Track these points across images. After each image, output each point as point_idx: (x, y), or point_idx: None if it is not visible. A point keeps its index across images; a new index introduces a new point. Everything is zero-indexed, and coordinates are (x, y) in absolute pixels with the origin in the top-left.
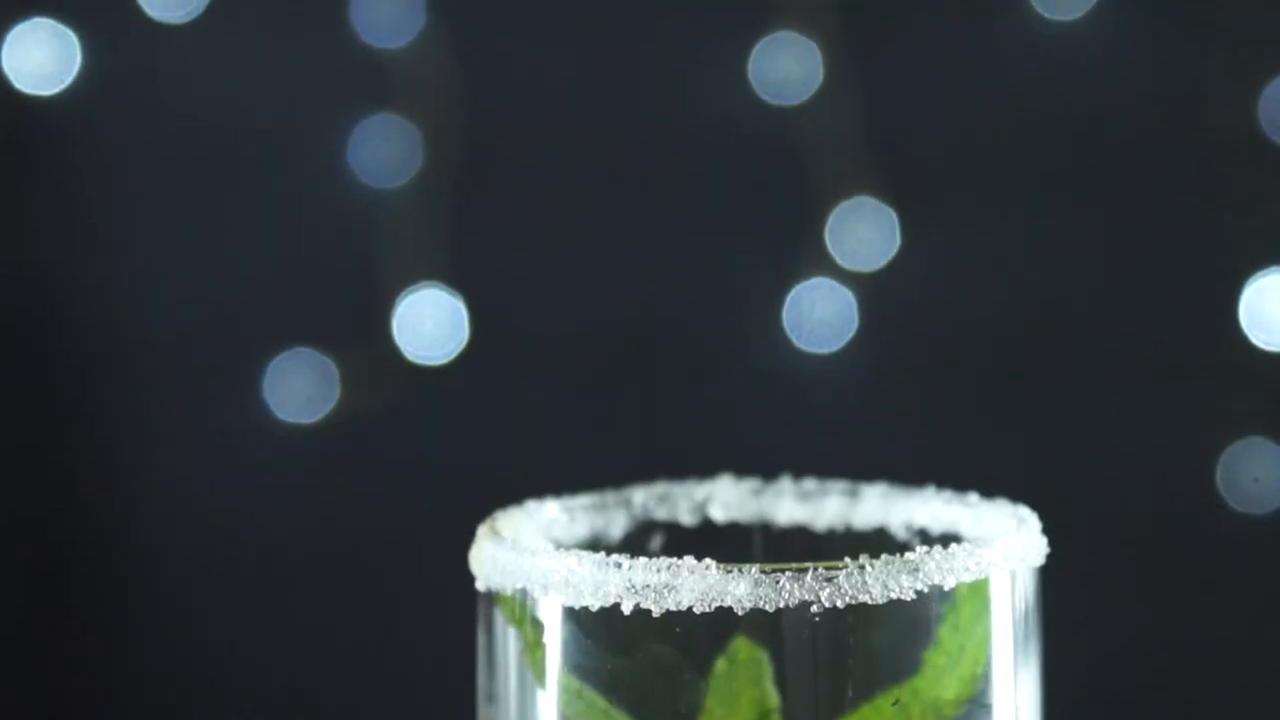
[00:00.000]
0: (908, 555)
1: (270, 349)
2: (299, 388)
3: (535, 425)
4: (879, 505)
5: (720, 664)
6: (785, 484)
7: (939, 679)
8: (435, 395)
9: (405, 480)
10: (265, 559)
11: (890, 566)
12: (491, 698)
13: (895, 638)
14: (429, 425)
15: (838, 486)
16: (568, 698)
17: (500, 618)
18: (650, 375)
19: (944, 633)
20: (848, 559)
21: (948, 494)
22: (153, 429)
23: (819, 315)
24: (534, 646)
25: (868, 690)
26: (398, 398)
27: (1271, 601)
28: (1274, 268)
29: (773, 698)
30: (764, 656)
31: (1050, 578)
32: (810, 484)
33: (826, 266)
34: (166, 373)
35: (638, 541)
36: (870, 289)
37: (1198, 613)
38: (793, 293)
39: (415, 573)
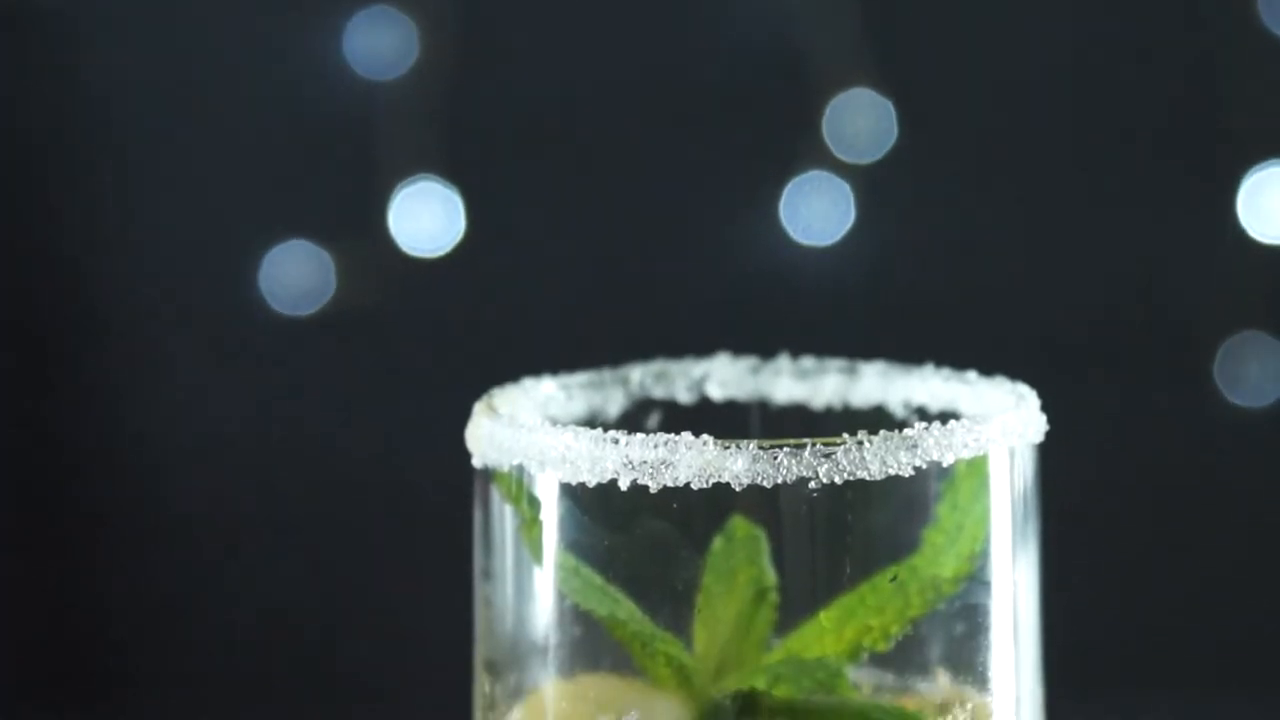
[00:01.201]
0: (906, 431)
1: (266, 241)
2: (295, 280)
3: (532, 316)
4: (877, 383)
5: (718, 542)
6: (783, 362)
7: (937, 557)
8: (431, 288)
9: (402, 371)
10: (263, 449)
11: (888, 443)
12: (488, 575)
13: (893, 515)
14: (425, 318)
15: (836, 364)
16: (564, 575)
17: (497, 495)
18: (647, 268)
19: (942, 510)
20: (846, 435)
21: (946, 372)
22: (149, 322)
23: (816, 208)
24: (531, 523)
25: (866, 568)
26: (394, 290)
27: (1267, 492)
28: (1272, 161)
29: (770, 576)
30: (761, 534)
31: (1048, 457)
32: (808, 362)
33: (823, 159)
34: (162, 265)
35: (635, 420)
36: (867, 181)
37: (1194, 499)
38: (789, 186)
39: (412, 455)
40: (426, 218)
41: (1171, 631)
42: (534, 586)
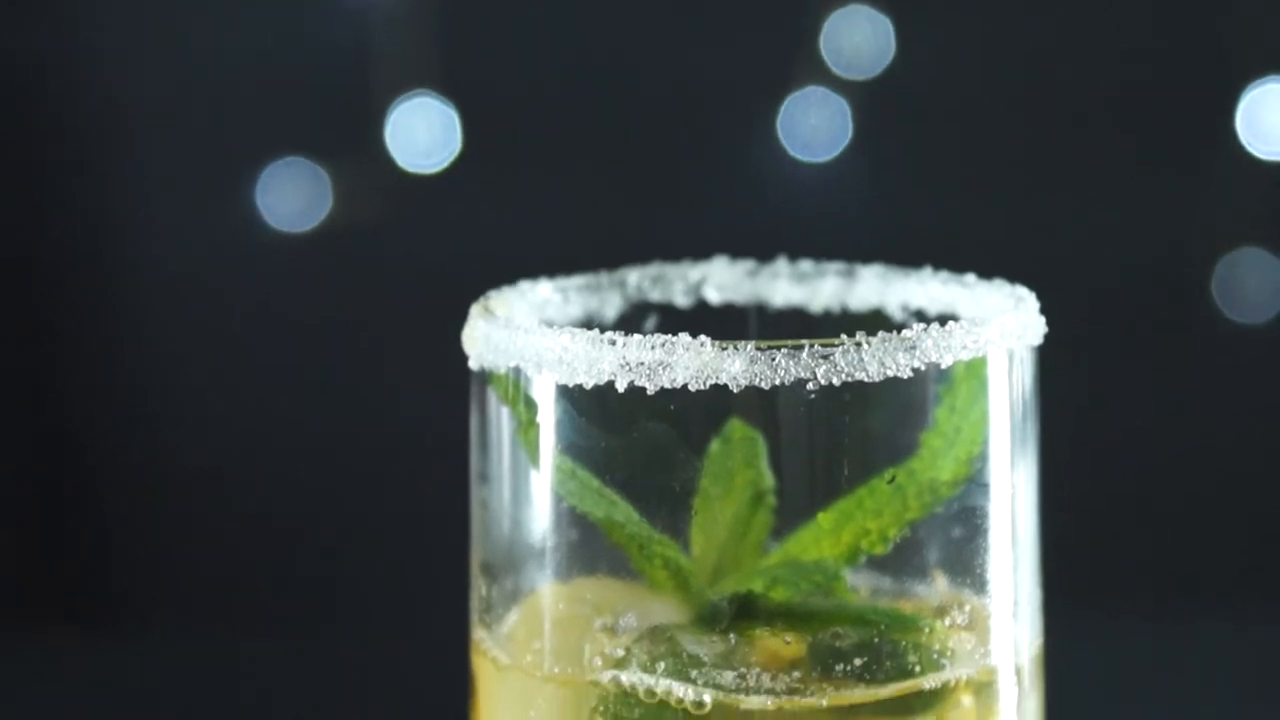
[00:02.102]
0: (904, 333)
1: (262, 158)
2: (292, 197)
3: (529, 232)
4: (875, 286)
5: (715, 444)
6: (781, 265)
7: (935, 460)
8: (429, 204)
9: (400, 284)
10: (260, 361)
11: (887, 344)
12: (485, 478)
13: (891, 418)
14: (423, 234)
15: (834, 268)
16: (561, 477)
17: (493, 398)
18: (645, 181)
19: (940, 414)
20: (844, 336)
21: (945, 274)
22: (145, 239)
23: (813, 124)
24: (527, 426)
25: (864, 472)
26: (392, 207)
27: (1264, 406)
28: (1272, 76)
29: (768, 479)
30: (759, 437)
31: (1047, 362)
32: (806, 265)
33: (820, 75)
34: (159, 183)
35: (632, 323)
36: (865, 97)
37: (1191, 415)
38: (786, 101)
39: (408, 362)
40: (423, 133)
41: (1168, 541)
42: (531, 489)
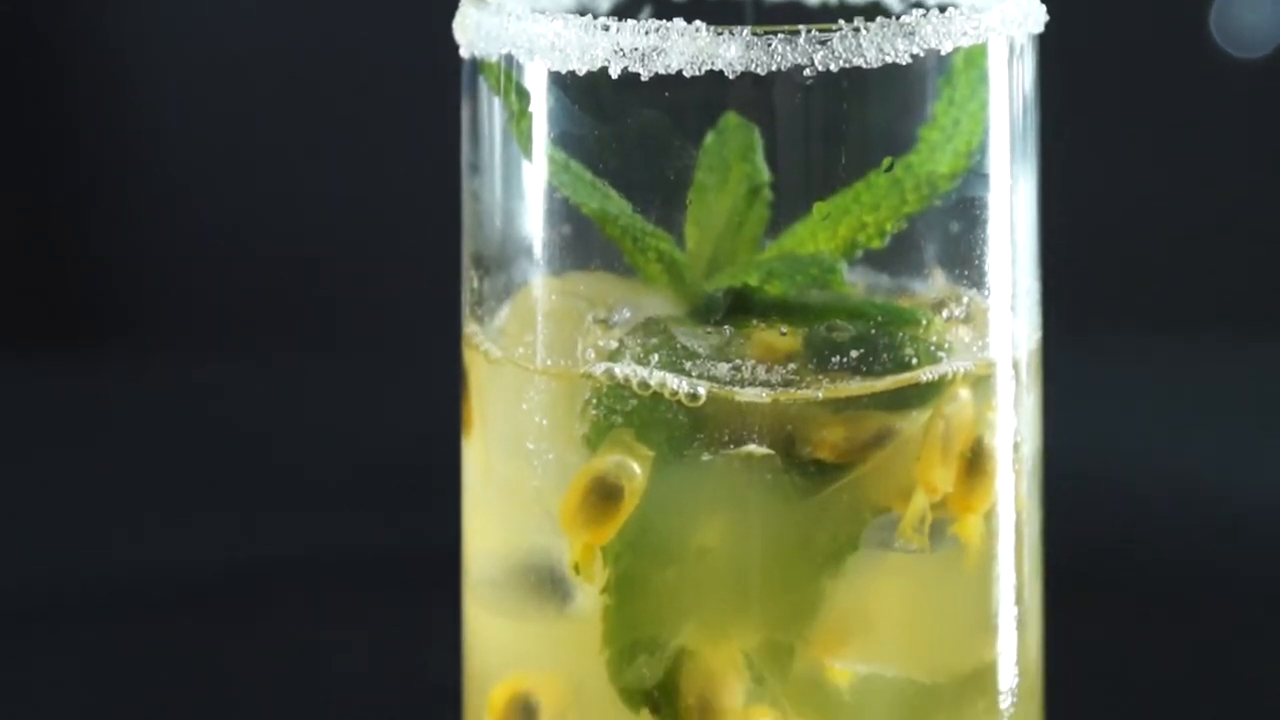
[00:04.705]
0: (903, 19)
1: None
2: None
3: None
4: None
5: (710, 136)
6: None
7: (933, 154)
8: None
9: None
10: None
11: (885, 29)
12: (476, 169)
13: (890, 110)
14: None
15: None
16: (554, 169)
17: (485, 88)
18: None
19: (939, 108)
20: (841, 21)
21: None
22: None
23: None
24: (519, 116)
25: (861, 166)
26: None
27: (1262, 140)
28: None
29: (763, 172)
30: (755, 129)
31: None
32: None
33: None
34: None
35: (626, 16)
36: None
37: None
38: None
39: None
40: None
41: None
42: (523, 182)
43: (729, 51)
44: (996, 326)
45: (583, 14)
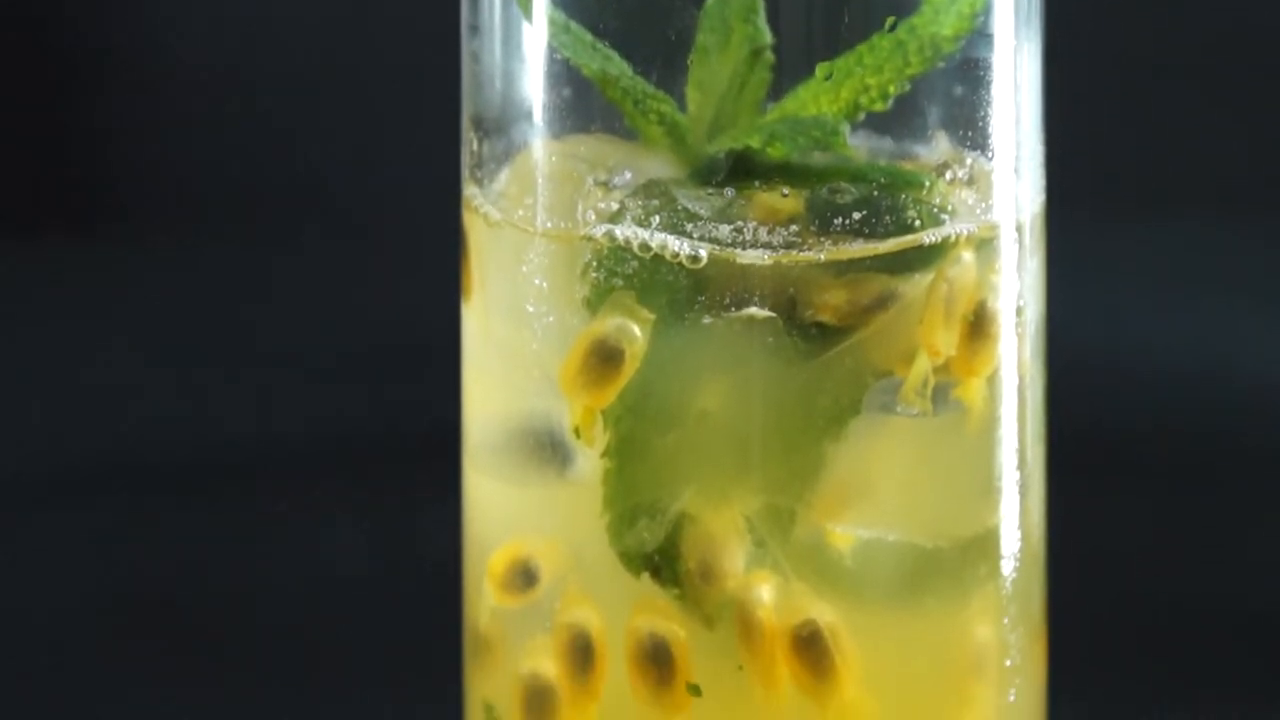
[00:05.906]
0: None
1: None
2: None
3: None
4: None
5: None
6: None
7: (937, 16)
8: None
9: None
10: None
11: None
12: (475, 29)
13: None
14: None
15: None
16: (555, 30)
17: None
18: None
19: None
20: None
21: None
22: None
23: None
24: None
25: (864, 29)
26: None
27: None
28: None
29: (765, 34)
30: None
31: None
32: None
33: None
34: None
35: None
36: None
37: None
38: None
39: None
40: None
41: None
42: (523, 43)
43: None
44: (1000, 189)
45: None
